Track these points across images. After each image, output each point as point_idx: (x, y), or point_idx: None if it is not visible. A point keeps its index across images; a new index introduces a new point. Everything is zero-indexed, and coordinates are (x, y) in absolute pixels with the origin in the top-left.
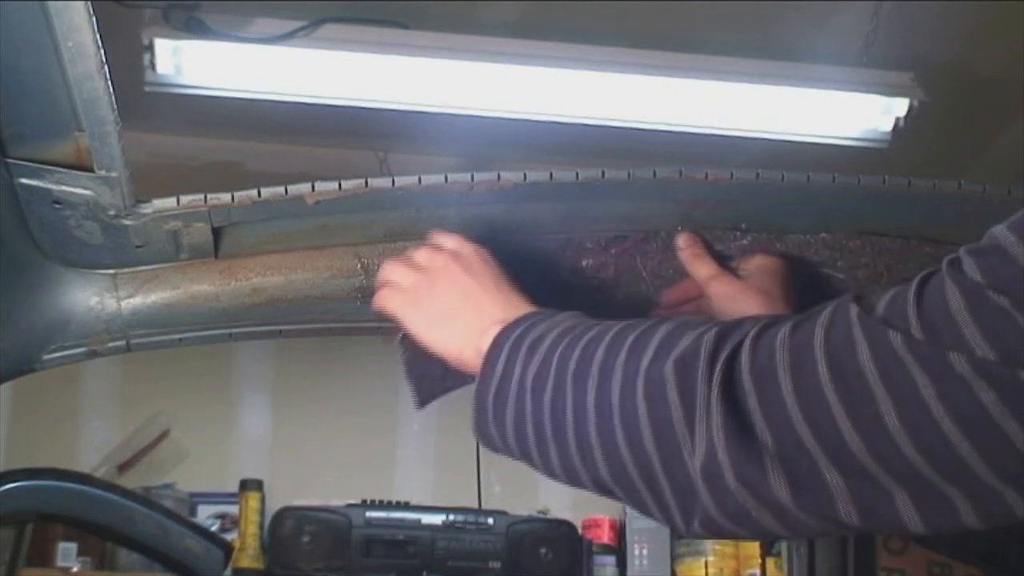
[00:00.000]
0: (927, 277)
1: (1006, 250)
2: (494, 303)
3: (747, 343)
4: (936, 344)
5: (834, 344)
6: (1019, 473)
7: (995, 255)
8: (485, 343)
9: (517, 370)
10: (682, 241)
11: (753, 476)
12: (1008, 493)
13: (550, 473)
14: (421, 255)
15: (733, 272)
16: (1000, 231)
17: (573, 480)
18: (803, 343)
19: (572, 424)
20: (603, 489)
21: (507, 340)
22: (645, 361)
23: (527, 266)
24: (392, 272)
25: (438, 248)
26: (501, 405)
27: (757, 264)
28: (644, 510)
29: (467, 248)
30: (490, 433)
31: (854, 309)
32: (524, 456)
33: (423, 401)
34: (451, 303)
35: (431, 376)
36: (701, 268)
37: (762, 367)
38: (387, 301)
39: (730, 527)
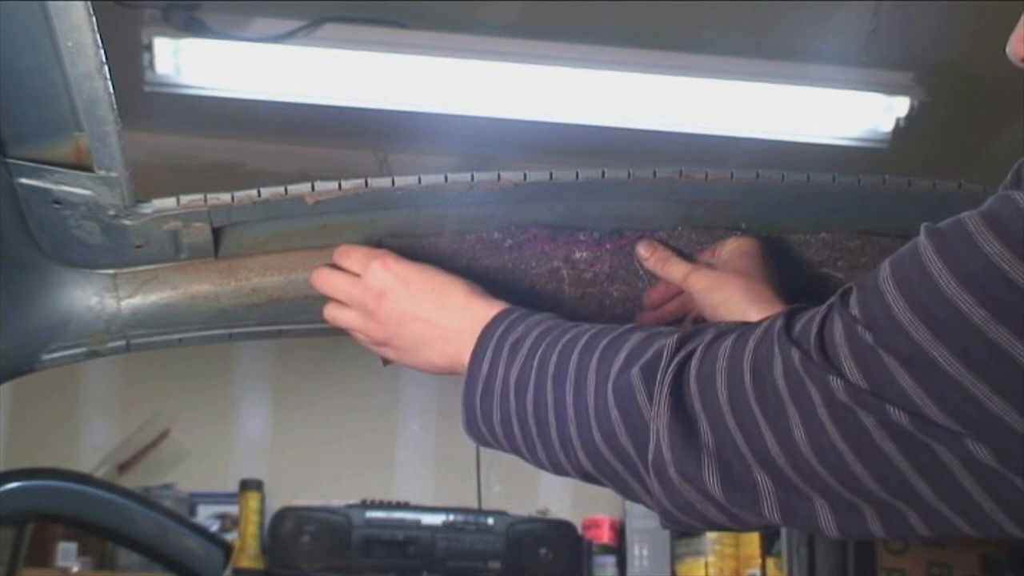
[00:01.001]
0: (833, 303)
1: (878, 287)
2: (456, 333)
3: (699, 350)
4: (826, 369)
5: (759, 357)
6: (905, 492)
7: (871, 291)
8: (463, 364)
9: (500, 370)
10: (643, 251)
11: (691, 472)
12: (902, 508)
13: (539, 465)
14: (344, 290)
15: (706, 263)
16: (883, 264)
17: (560, 472)
18: (738, 353)
19: (554, 423)
20: (590, 479)
21: (490, 341)
22: (616, 367)
23: (517, 253)
24: (333, 316)
25: (353, 278)
26: (488, 404)
27: (730, 248)
28: (634, 497)
29: (380, 277)
30: (480, 430)
31: (779, 324)
32: (513, 451)
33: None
34: (412, 347)
35: None
36: (673, 269)
37: (707, 373)
38: (357, 339)
39: (683, 517)
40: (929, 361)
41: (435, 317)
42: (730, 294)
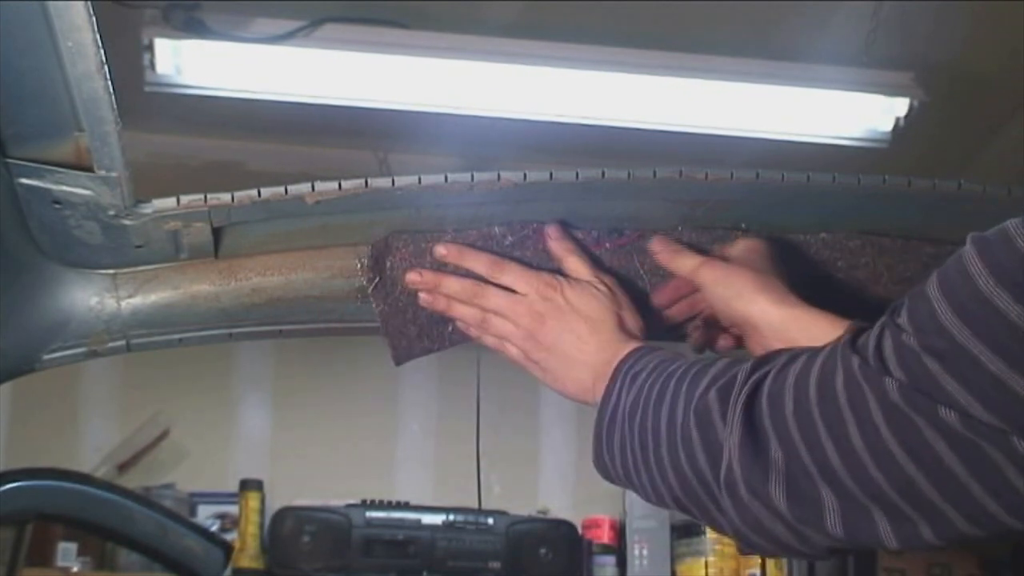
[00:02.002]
0: (885, 319)
1: (925, 293)
2: (595, 365)
3: (773, 372)
4: (881, 372)
5: (824, 371)
6: (958, 493)
7: (918, 299)
8: (594, 395)
9: (622, 399)
10: (655, 245)
11: (760, 488)
12: (950, 513)
13: (646, 496)
14: (509, 308)
15: (717, 256)
16: (931, 279)
17: (660, 501)
18: (806, 370)
19: (652, 446)
20: (682, 508)
21: (619, 374)
22: (699, 390)
23: (518, 252)
24: (496, 330)
25: (518, 297)
26: (611, 432)
27: (740, 247)
28: (713, 522)
29: (549, 303)
30: (604, 461)
31: (845, 339)
32: (628, 480)
33: (399, 359)
34: (554, 369)
35: (407, 335)
36: (683, 263)
37: (776, 391)
38: (509, 354)
39: (754, 538)
40: (970, 359)
41: (586, 345)
42: (741, 287)
